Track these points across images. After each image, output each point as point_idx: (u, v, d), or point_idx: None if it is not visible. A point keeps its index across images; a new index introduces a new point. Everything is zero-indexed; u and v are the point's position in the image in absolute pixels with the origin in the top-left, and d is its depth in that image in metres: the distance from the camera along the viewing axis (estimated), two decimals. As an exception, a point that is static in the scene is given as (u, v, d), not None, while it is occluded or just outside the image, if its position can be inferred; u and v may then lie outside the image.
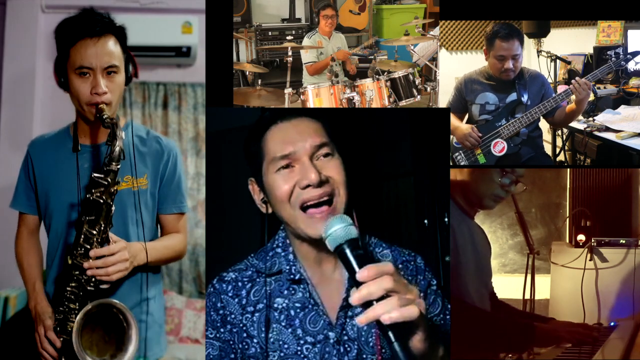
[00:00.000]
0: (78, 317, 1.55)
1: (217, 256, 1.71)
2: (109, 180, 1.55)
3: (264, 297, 1.22)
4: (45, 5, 3.65)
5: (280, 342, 1.20)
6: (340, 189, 1.18)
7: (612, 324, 2.02)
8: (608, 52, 2.27)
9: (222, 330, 1.22)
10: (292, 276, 1.22)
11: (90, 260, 1.56)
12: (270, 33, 3.32)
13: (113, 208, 1.58)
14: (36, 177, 1.78)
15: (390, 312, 0.93)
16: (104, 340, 1.62)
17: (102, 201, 1.55)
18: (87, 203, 1.57)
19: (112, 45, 1.63)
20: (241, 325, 1.22)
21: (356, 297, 0.95)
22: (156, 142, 1.79)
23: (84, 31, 1.61)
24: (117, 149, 1.54)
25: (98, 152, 1.72)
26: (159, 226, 1.85)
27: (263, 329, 1.20)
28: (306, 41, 2.84)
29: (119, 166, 1.56)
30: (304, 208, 1.16)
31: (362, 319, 0.95)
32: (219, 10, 1.91)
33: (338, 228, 1.03)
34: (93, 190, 1.55)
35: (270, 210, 1.24)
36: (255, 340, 1.21)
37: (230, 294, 1.23)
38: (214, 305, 1.23)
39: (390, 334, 0.94)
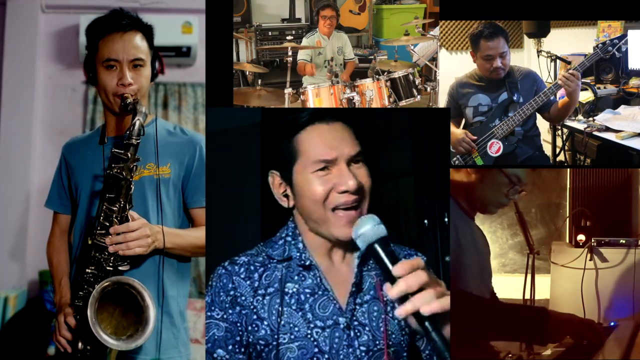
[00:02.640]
0: (94, 291, 1.56)
1: (217, 256, 1.71)
2: (129, 154, 1.59)
3: (274, 282, 1.25)
4: (45, 5, 3.65)
5: (291, 325, 1.22)
6: (367, 194, 1.23)
7: (612, 324, 2.02)
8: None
9: (230, 311, 1.23)
10: (302, 262, 1.25)
11: (111, 236, 1.59)
12: (270, 33, 3.32)
13: (132, 186, 1.62)
14: (69, 175, 1.83)
15: (430, 303, 1.01)
16: (122, 324, 1.64)
17: (121, 177, 1.58)
18: (108, 178, 1.61)
19: (138, 40, 1.71)
20: (251, 307, 1.23)
21: (395, 291, 1.03)
22: (182, 133, 1.84)
23: (112, 26, 1.70)
24: (137, 123, 1.59)
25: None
26: (190, 223, 1.85)
27: (274, 311, 1.22)
28: (305, 42, 2.84)
29: (138, 140, 1.60)
30: (334, 209, 1.21)
31: (401, 312, 1.03)
32: (219, 10, 1.91)
33: (368, 228, 1.11)
34: (113, 165, 1.60)
35: (291, 204, 1.27)
36: (265, 323, 1.22)
37: (242, 276, 1.25)
38: (225, 286, 1.24)
39: (428, 324, 1.02)
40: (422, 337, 1.08)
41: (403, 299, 1.03)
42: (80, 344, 1.64)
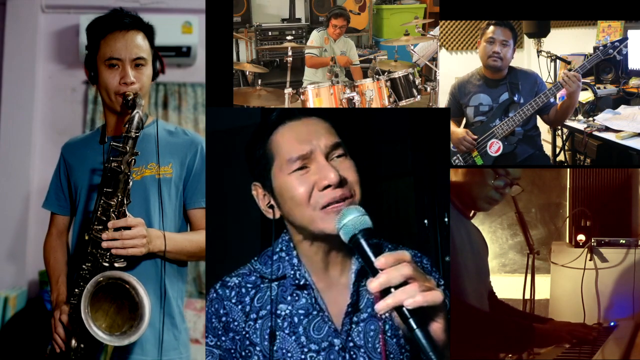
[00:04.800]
0: (88, 284, 1.55)
1: (217, 256, 1.71)
2: (127, 147, 1.59)
3: (267, 304, 1.18)
4: (45, 5, 3.65)
5: (284, 351, 1.15)
6: (356, 189, 1.14)
7: (612, 324, 2.02)
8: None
9: (223, 338, 1.19)
10: (296, 281, 1.17)
11: (108, 231, 1.58)
12: (270, 33, 3.32)
13: (131, 181, 1.61)
14: (69, 176, 1.82)
15: (413, 296, 0.91)
16: (117, 322, 1.62)
17: (119, 170, 1.58)
18: (106, 172, 1.61)
19: (140, 39, 1.71)
20: (244, 332, 1.18)
21: (375, 284, 0.93)
22: (184, 134, 1.83)
23: (114, 25, 1.69)
24: (136, 116, 1.60)
25: None
26: (188, 225, 1.84)
27: (266, 336, 1.16)
28: (314, 34, 2.84)
29: (137, 134, 1.60)
30: (322, 208, 1.11)
31: (381, 306, 0.92)
32: (219, 10, 1.91)
33: (352, 218, 1.02)
34: (112, 159, 1.59)
35: (277, 215, 1.18)
36: (257, 349, 1.17)
37: (233, 301, 1.19)
38: (217, 312, 1.19)
39: (412, 321, 0.92)
40: (409, 337, 0.95)
41: (385, 293, 0.93)
42: (74, 342, 1.63)
